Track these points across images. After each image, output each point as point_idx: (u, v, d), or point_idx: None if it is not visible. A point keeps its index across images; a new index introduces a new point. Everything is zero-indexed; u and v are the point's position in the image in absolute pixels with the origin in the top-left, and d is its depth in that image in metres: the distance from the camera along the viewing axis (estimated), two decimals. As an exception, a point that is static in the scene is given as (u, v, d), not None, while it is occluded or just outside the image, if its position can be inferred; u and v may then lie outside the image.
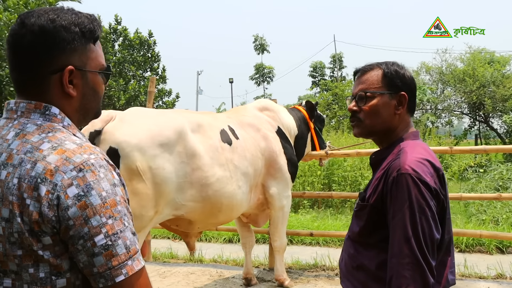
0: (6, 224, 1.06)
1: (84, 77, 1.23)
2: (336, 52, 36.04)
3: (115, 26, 18.33)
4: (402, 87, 1.78)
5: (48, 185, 1.05)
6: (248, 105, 5.26)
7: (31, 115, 1.16)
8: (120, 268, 1.08)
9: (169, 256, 6.67)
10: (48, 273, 1.08)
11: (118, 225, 1.09)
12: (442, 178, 1.65)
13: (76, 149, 1.11)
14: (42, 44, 1.15)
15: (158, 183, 3.58)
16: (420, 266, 1.50)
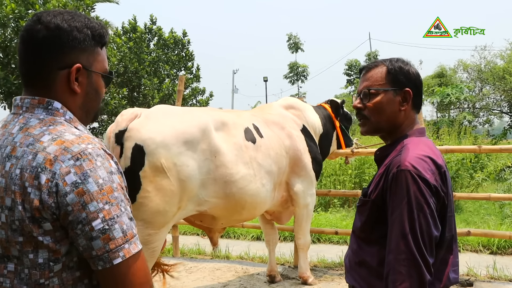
0: (8, 213, 1.14)
1: (89, 77, 1.31)
2: (372, 50, 35.67)
3: (150, 26, 18.65)
4: (406, 83, 1.78)
5: (48, 174, 1.11)
6: (274, 103, 5.30)
7: (35, 110, 1.24)
8: (118, 251, 1.14)
9: (197, 252, 6.79)
10: (47, 259, 1.15)
11: (115, 210, 1.15)
12: (444, 175, 1.65)
13: (75, 139, 1.17)
14: (56, 40, 1.23)
15: (182, 179, 3.66)
16: (416, 262, 1.51)
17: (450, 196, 1.68)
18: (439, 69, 27.17)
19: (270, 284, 5.11)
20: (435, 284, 1.64)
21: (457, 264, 1.76)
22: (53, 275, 1.16)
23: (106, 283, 1.17)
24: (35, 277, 1.15)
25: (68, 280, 1.18)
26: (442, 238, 1.65)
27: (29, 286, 1.15)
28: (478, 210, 9.72)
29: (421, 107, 1.91)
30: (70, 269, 1.18)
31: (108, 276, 1.15)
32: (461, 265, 5.52)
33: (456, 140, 12.85)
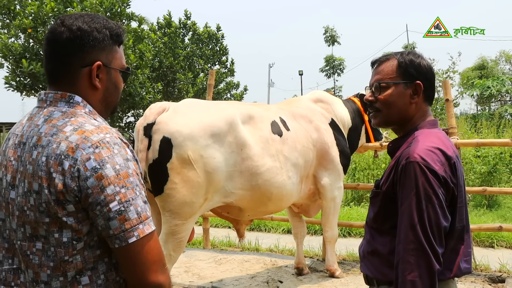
0: (36, 196, 1.25)
1: (108, 73, 1.43)
2: (409, 43, 34.90)
3: (184, 21, 18.87)
4: (417, 76, 1.79)
5: (70, 160, 1.23)
6: (303, 97, 5.31)
7: (58, 103, 1.37)
8: (132, 231, 1.24)
9: (227, 245, 6.89)
10: (70, 238, 1.26)
11: (130, 193, 1.26)
12: (453, 166, 1.65)
13: (94, 129, 1.29)
14: (78, 41, 1.36)
15: (208, 171, 3.73)
16: (425, 252, 1.54)
17: (460, 187, 1.69)
18: (479, 61, 26.43)
19: (298, 276, 5.15)
20: (445, 274, 1.66)
21: (470, 254, 1.76)
22: (76, 252, 1.27)
23: (122, 260, 1.28)
24: (60, 255, 1.26)
25: (89, 258, 1.29)
26: (452, 228, 1.66)
27: (55, 262, 1.26)
28: (517, 206, 9.46)
29: (434, 99, 1.91)
30: (91, 248, 1.29)
31: (124, 253, 1.26)
32: (494, 261, 5.42)
33: (495, 134, 12.51)
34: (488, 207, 9.34)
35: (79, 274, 1.28)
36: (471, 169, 10.05)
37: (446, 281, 1.69)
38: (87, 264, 1.29)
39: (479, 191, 5.76)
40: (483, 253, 5.91)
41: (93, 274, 1.30)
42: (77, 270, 1.28)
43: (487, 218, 7.99)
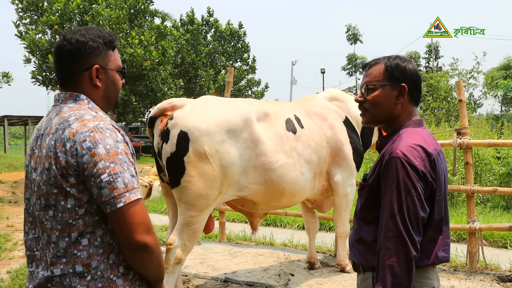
0: (47, 172, 1.57)
1: (106, 74, 1.74)
2: (432, 42, 34.52)
3: (207, 18, 19.08)
4: (402, 79, 1.93)
5: (71, 142, 1.53)
6: (318, 95, 5.42)
7: (67, 101, 1.69)
8: (120, 198, 1.52)
9: (242, 239, 7.06)
10: (73, 205, 1.56)
11: (118, 168, 1.54)
12: (433, 163, 1.80)
13: (91, 118, 1.60)
14: (77, 51, 1.68)
15: (224, 165, 3.89)
16: (403, 239, 1.69)
17: (440, 181, 1.83)
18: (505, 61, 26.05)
19: (309, 270, 5.28)
20: (424, 261, 1.81)
21: (448, 244, 1.91)
22: (78, 217, 1.56)
23: (113, 223, 1.56)
24: (65, 218, 1.56)
25: (89, 222, 1.58)
26: (431, 219, 1.81)
27: (62, 225, 1.57)
28: (535, 207, 9.40)
29: (420, 101, 2.03)
30: (91, 214, 1.58)
31: (114, 217, 1.53)
32: (504, 261, 5.48)
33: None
34: (505, 208, 9.31)
35: (80, 236, 1.57)
36: (490, 170, 10.01)
37: (425, 268, 1.84)
38: (87, 227, 1.57)
39: (490, 191, 5.79)
40: (495, 253, 5.97)
41: (92, 237, 1.58)
42: (79, 232, 1.57)
43: (503, 219, 7.98)
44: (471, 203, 5.39)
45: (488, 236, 6.69)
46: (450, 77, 21.40)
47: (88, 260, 1.57)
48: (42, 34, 12.19)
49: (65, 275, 1.56)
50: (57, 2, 11.72)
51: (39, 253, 1.63)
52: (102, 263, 1.58)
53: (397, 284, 1.68)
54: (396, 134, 1.92)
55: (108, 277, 1.59)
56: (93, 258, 1.57)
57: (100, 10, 11.77)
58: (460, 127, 5.46)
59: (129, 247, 1.55)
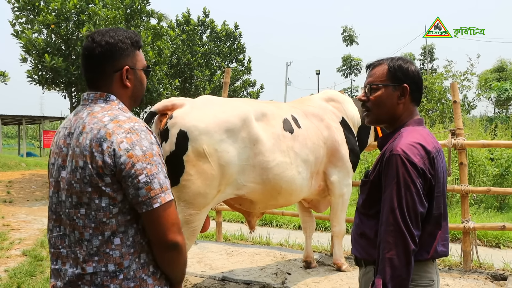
0: (81, 171, 1.58)
1: (135, 73, 1.79)
2: (427, 44, 34.73)
3: (203, 19, 19.11)
4: (404, 80, 1.99)
5: (108, 142, 1.56)
6: (314, 96, 5.47)
7: (97, 101, 1.71)
8: (156, 198, 1.57)
9: (239, 238, 7.12)
10: (107, 204, 1.58)
11: (154, 169, 1.58)
12: (432, 160, 1.86)
13: (126, 119, 1.63)
14: (108, 53, 1.71)
15: (222, 164, 3.93)
16: (402, 233, 1.75)
17: (439, 178, 1.89)
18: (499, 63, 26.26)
19: (306, 269, 5.33)
20: (423, 255, 1.87)
21: (447, 239, 1.97)
22: (112, 216, 1.59)
23: (147, 222, 1.60)
24: (99, 217, 1.58)
25: (122, 222, 1.61)
26: (430, 214, 1.87)
27: (95, 223, 1.58)
28: (529, 208, 9.51)
29: (420, 101, 2.09)
30: (123, 214, 1.61)
31: (149, 217, 1.58)
32: (498, 260, 5.56)
33: (510, 137, 12.50)
34: (499, 209, 9.41)
35: (113, 235, 1.60)
36: (484, 171, 10.11)
37: (425, 261, 1.90)
38: (120, 227, 1.60)
39: (484, 191, 5.88)
40: (489, 252, 6.04)
41: (124, 236, 1.61)
42: (112, 231, 1.59)
43: (497, 220, 8.07)
44: (465, 203, 5.47)
45: (481, 236, 6.77)
46: (445, 79, 21.55)
47: (120, 259, 1.60)
48: (38, 33, 12.19)
49: (97, 274, 1.58)
50: (53, 2, 11.71)
51: (65, 250, 1.65)
52: (134, 263, 1.62)
53: (396, 276, 1.73)
54: (397, 133, 1.98)
55: (140, 276, 1.63)
56: (125, 258, 1.60)
57: (97, 10, 11.77)
58: (455, 128, 5.53)
59: (161, 246, 1.60)
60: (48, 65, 11.47)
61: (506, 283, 4.81)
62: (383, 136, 2.10)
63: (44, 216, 9.26)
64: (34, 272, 5.40)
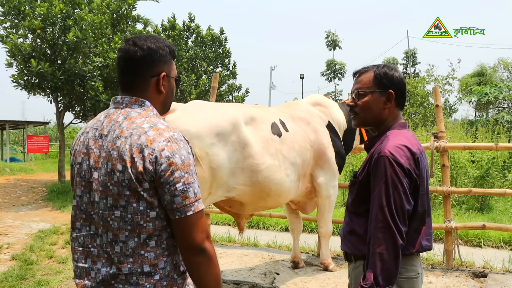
0: (120, 174, 1.61)
1: (169, 81, 1.85)
2: (410, 48, 35.26)
3: (188, 24, 19.18)
4: (390, 86, 2.14)
5: (149, 149, 1.60)
6: (301, 100, 5.63)
7: (132, 106, 1.75)
8: (190, 206, 1.62)
9: (227, 240, 7.21)
10: (145, 207, 1.63)
11: (191, 178, 1.64)
12: (417, 161, 2.01)
13: (165, 128, 1.68)
14: (149, 57, 1.76)
15: (213, 168, 4.05)
16: (390, 229, 1.89)
17: (423, 177, 2.04)
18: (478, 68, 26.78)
19: (294, 269, 5.46)
20: (409, 249, 2.02)
21: (431, 234, 2.12)
22: (149, 220, 1.64)
23: (179, 228, 1.64)
24: (137, 220, 1.63)
25: (158, 226, 1.66)
26: (415, 211, 2.02)
27: (132, 226, 1.63)
28: (509, 209, 9.78)
29: (404, 105, 2.24)
30: (160, 219, 1.66)
31: (182, 223, 1.63)
32: (479, 259, 5.75)
33: (490, 140, 12.82)
34: (480, 210, 9.66)
35: (148, 238, 1.65)
36: (465, 173, 10.37)
37: (411, 255, 2.05)
38: (155, 231, 1.66)
39: (465, 192, 6.08)
40: (470, 251, 6.24)
41: (159, 239, 1.67)
42: (148, 234, 1.65)
43: (477, 220, 8.30)
44: (448, 203, 5.65)
45: (463, 235, 6.98)
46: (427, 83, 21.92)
47: (155, 261, 1.66)
48: (24, 38, 12.17)
49: (132, 274, 1.64)
50: (39, 7, 11.72)
51: (96, 250, 1.70)
52: (168, 264, 1.69)
53: (385, 270, 1.87)
54: (383, 136, 2.12)
55: (172, 276, 1.70)
56: (159, 259, 1.67)
57: (83, 15, 11.80)
58: (437, 131, 5.72)
59: (189, 250, 1.64)
60: (34, 70, 11.47)
61: (486, 279, 5.00)
62: (369, 139, 2.25)
63: (32, 221, 9.27)
64: (25, 276, 5.44)
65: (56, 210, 10.73)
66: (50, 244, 7.14)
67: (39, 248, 6.81)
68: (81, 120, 14.67)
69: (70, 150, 1.90)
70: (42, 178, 16.30)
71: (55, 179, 15.17)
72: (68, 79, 12.05)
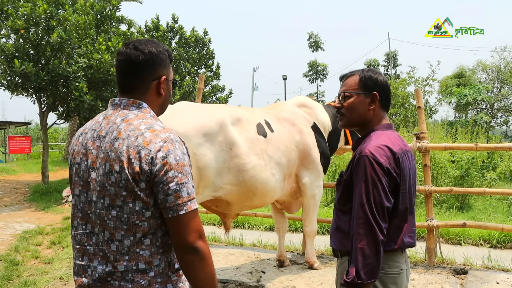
0: (117, 175, 1.66)
1: (167, 84, 1.89)
2: (391, 50, 35.71)
3: (172, 25, 19.17)
4: (374, 88, 2.25)
5: (146, 150, 1.64)
6: (287, 102, 5.71)
7: (130, 108, 1.79)
8: (183, 206, 1.65)
9: (213, 240, 7.28)
10: (141, 207, 1.67)
11: (185, 178, 1.67)
12: (398, 160, 2.10)
13: (162, 129, 1.72)
14: (151, 61, 1.81)
15: (200, 167, 4.11)
16: (371, 225, 1.98)
17: (405, 176, 2.13)
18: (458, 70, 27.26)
19: (279, 268, 5.55)
20: (391, 245, 2.11)
21: (413, 231, 2.21)
22: (145, 219, 1.68)
23: (172, 227, 1.68)
24: (133, 219, 1.67)
25: (153, 225, 1.70)
26: (396, 209, 2.11)
27: (127, 225, 1.67)
28: (487, 208, 10.02)
29: (389, 108, 2.35)
30: (156, 218, 1.70)
31: (175, 222, 1.66)
32: (459, 256, 5.92)
33: (469, 141, 13.10)
34: (460, 209, 9.89)
35: (143, 237, 1.69)
36: (445, 172, 10.59)
37: (393, 252, 2.13)
38: (151, 229, 1.70)
39: (446, 191, 6.24)
40: (451, 249, 6.41)
41: (153, 237, 1.71)
42: (143, 233, 1.69)
43: (458, 218, 8.49)
44: (429, 202, 5.81)
45: (444, 234, 7.15)
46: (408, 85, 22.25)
47: (150, 258, 1.70)
48: (7, 38, 12.07)
49: (128, 271, 1.69)
50: (23, 7, 11.63)
51: (92, 248, 1.74)
52: (163, 262, 1.73)
53: (367, 264, 1.95)
54: (368, 137, 2.22)
55: (166, 273, 1.75)
56: (154, 257, 1.71)
57: (67, 16, 11.75)
58: (419, 132, 5.87)
59: (181, 249, 1.66)
60: (17, 70, 11.38)
61: (467, 276, 5.15)
62: (356, 140, 2.34)
63: (15, 221, 9.20)
64: (11, 276, 5.43)
65: (40, 210, 10.66)
66: (35, 244, 7.11)
67: (24, 249, 6.78)
68: (65, 121, 14.58)
69: (68, 150, 1.95)
70: (24, 178, 16.14)
71: (38, 179, 15.03)
72: (52, 80, 11.98)
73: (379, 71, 2.34)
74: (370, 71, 2.29)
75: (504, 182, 12.67)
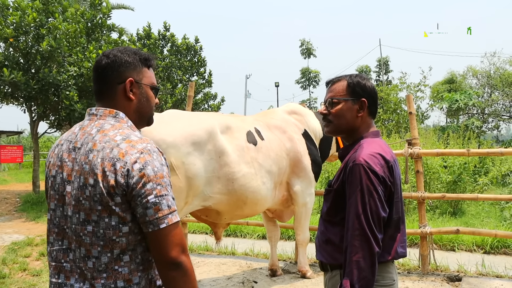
0: (91, 189, 1.58)
1: (140, 88, 1.80)
2: (382, 56, 35.84)
3: (164, 33, 19.14)
4: (362, 94, 2.18)
5: (121, 162, 1.56)
6: (277, 109, 5.67)
7: (106, 117, 1.72)
8: (163, 219, 1.57)
9: (204, 249, 7.19)
10: (117, 222, 1.59)
11: (164, 190, 1.59)
12: (391, 169, 2.03)
13: (138, 140, 1.64)
14: (113, 64, 1.75)
15: (189, 177, 4.05)
16: (367, 237, 1.90)
17: (397, 185, 2.07)
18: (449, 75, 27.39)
19: (272, 277, 5.48)
20: (385, 256, 2.03)
21: (405, 241, 2.15)
22: (122, 235, 1.60)
23: (152, 241, 1.60)
24: (109, 235, 1.59)
25: (132, 241, 1.63)
26: (390, 218, 2.04)
27: (104, 241, 1.59)
28: (480, 213, 10.00)
29: (376, 114, 2.29)
30: (134, 234, 1.63)
31: (155, 236, 1.58)
32: (453, 263, 5.87)
33: (461, 146, 13.12)
34: (453, 214, 9.86)
35: (122, 253, 1.62)
36: (438, 178, 10.57)
37: (386, 263, 2.06)
38: (129, 245, 1.62)
39: (439, 197, 6.20)
40: (445, 255, 6.36)
41: (133, 254, 1.64)
42: (121, 249, 1.61)
43: (451, 224, 8.47)
44: (422, 209, 5.76)
45: (437, 240, 7.11)
46: (399, 90, 22.32)
47: (129, 276, 1.63)
48: (-5, 47, 11.97)
49: None
50: (12, 15, 11.54)
51: (69, 265, 1.66)
52: (143, 279, 1.66)
53: (362, 278, 1.87)
54: (357, 144, 2.14)
55: None
56: (133, 274, 1.64)
57: (57, 24, 11.66)
58: (411, 138, 5.84)
59: (163, 264, 1.59)
60: (6, 79, 11.26)
61: (461, 283, 5.10)
62: (343, 148, 2.27)
63: (4, 232, 9.07)
64: (-2, 290, 5.33)
65: (30, 221, 10.52)
66: (24, 256, 7.00)
67: (12, 261, 6.67)
68: (56, 129, 14.46)
69: (45, 162, 1.86)
70: (15, 188, 15.98)
71: (29, 189, 14.87)
72: (42, 88, 11.87)
73: (366, 76, 2.27)
74: (358, 76, 2.22)
75: (496, 187, 12.66)
